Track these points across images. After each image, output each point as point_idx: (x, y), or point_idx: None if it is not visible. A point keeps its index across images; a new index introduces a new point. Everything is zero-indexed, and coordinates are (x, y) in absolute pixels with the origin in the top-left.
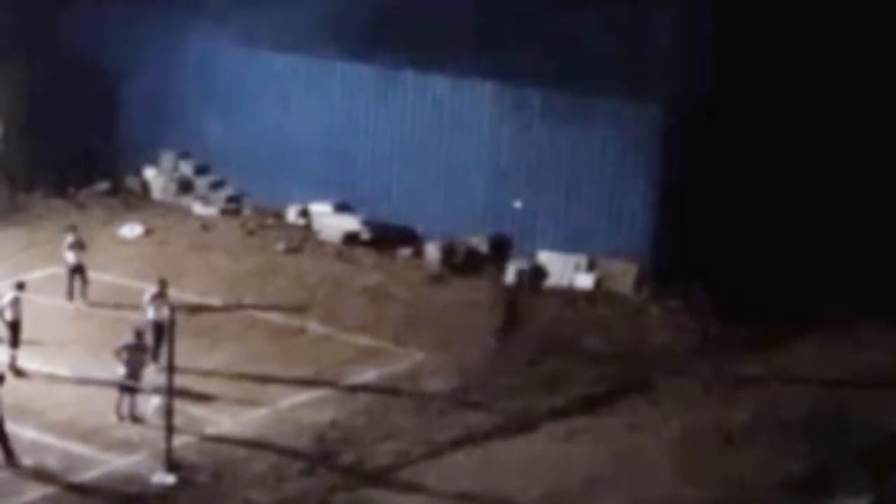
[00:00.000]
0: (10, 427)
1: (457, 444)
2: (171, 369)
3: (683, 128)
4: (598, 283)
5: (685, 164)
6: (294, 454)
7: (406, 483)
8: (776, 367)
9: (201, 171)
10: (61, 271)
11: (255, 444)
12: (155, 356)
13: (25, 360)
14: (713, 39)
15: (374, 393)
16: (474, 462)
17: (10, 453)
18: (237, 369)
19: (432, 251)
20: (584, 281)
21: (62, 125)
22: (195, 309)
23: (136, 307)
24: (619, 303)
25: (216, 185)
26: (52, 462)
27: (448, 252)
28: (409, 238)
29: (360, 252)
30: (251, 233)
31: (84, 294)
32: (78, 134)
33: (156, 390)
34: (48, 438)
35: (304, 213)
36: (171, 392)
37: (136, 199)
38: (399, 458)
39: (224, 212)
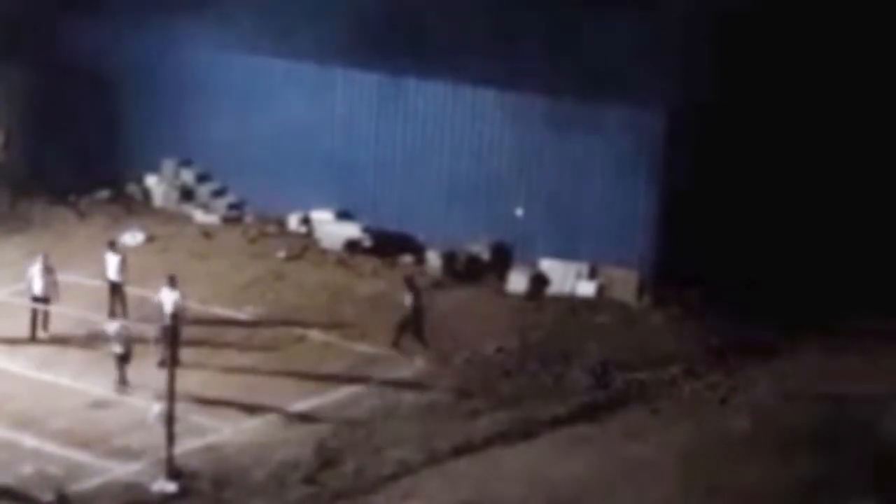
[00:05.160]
0: (11, 435)
1: (458, 451)
2: (171, 376)
3: (685, 135)
4: (600, 291)
5: (687, 171)
6: (295, 462)
7: (407, 491)
8: (779, 373)
9: (203, 178)
10: (59, 279)
11: (257, 452)
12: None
13: (25, 367)
14: (715, 47)
15: (375, 401)
16: (475, 470)
17: None
18: (238, 377)
19: (433, 258)
20: (586, 289)
21: (63, 133)
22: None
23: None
24: (621, 310)
25: (217, 193)
26: (53, 470)
27: (449, 259)
28: (411, 245)
29: (361, 259)
30: (252, 240)
31: (125, 313)
32: (79, 141)
33: (157, 397)
34: (49, 446)
35: (306, 221)
36: (172, 399)
37: (137, 207)
38: (400, 465)
39: (225, 219)
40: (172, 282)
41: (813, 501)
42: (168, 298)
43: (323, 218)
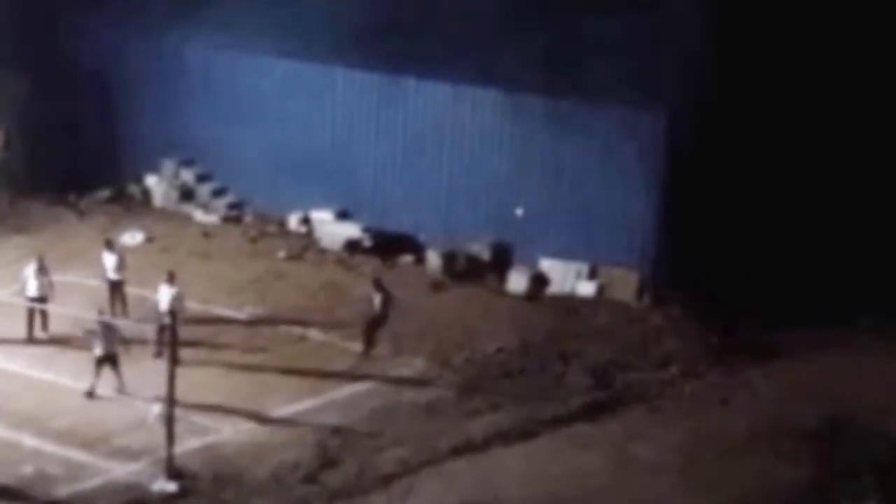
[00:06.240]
0: (12, 434)
1: (457, 451)
2: (171, 376)
3: (686, 135)
4: (600, 291)
5: (687, 171)
6: (295, 462)
7: (407, 491)
8: (778, 374)
9: (203, 178)
10: (60, 279)
11: (257, 452)
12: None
13: (25, 367)
14: (717, 48)
15: (375, 400)
16: (475, 470)
17: None
18: (238, 376)
19: (433, 259)
20: (586, 289)
21: (63, 133)
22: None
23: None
24: (621, 311)
25: (217, 193)
26: (53, 470)
27: (449, 259)
28: (411, 245)
29: (361, 259)
30: (252, 240)
31: (125, 312)
32: (79, 141)
33: (156, 398)
34: (49, 446)
35: (306, 221)
36: (172, 399)
37: (137, 207)
38: (400, 465)
39: (225, 219)
40: (171, 278)
41: (813, 501)
42: (165, 294)
43: (323, 218)
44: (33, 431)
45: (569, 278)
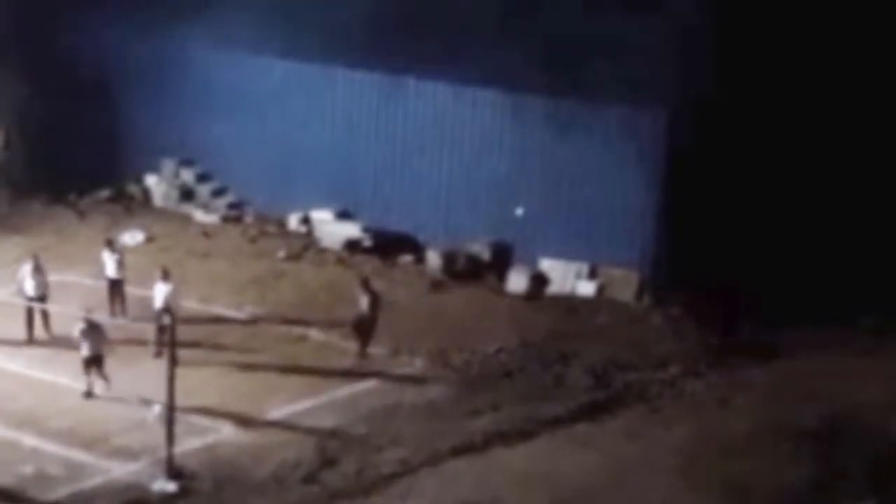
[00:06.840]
0: (12, 434)
1: (457, 451)
2: (171, 376)
3: (686, 135)
4: (600, 291)
5: (687, 171)
6: (295, 462)
7: (407, 491)
8: (778, 374)
9: (203, 178)
10: (59, 279)
11: (257, 452)
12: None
13: (27, 367)
14: (716, 47)
15: (375, 400)
16: (475, 470)
17: None
18: (238, 376)
19: (433, 258)
20: (586, 288)
21: (63, 133)
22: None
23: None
24: (621, 310)
25: (217, 193)
26: (53, 470)
27: (449, 259)
28: (411, 245)
29: (361, 259)
30: (252, 240)
31: (124, 311)
32: (79, 141)
33: (156, 398)
34: (50, 446)
35: (306, 221)
36: (172, 400)
37: (137, 207)
38: (400, 465)
39: (225, 219)
40: (165, 275)
41: (813, 501)
42: (161, 292)
43: (323, 218)
44: (33, 431)
45: (569, 278)
